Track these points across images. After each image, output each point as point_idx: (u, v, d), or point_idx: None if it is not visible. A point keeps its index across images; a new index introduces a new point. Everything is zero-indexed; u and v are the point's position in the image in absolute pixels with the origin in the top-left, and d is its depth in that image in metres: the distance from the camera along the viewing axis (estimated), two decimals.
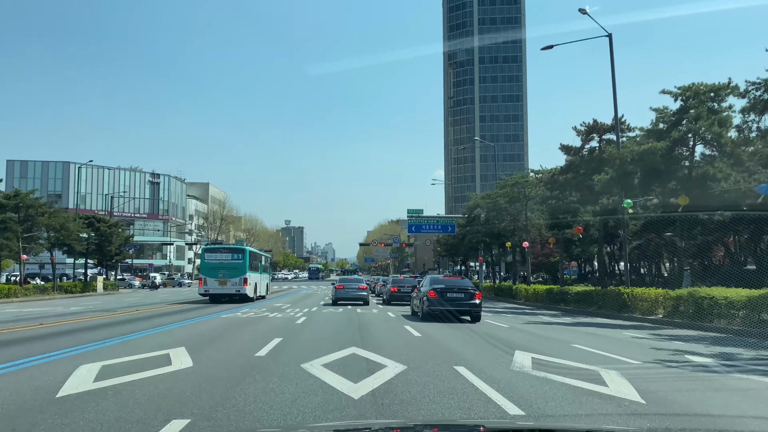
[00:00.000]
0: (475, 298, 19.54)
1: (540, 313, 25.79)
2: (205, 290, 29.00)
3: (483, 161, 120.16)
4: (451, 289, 19.58)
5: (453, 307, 19.19)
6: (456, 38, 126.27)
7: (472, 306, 19.02)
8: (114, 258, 59.04)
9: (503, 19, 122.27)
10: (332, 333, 14.37)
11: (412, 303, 23.42)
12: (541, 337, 14.43)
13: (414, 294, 23.35)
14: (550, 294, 31.46)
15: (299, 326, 16.31)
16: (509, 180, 38.81)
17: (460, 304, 19.11)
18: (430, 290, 19.63)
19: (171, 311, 23.36)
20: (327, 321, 18.57)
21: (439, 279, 21.81)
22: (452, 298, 19.32)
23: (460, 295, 19.46)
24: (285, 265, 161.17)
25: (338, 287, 28.08)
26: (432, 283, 20.28)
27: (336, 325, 16.74)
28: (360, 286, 27.97)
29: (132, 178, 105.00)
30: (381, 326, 16.88)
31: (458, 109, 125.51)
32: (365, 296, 28.00)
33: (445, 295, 19.40)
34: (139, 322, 17.32)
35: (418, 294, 21.30)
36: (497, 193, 39.29)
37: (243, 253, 29.94)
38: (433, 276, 22.59)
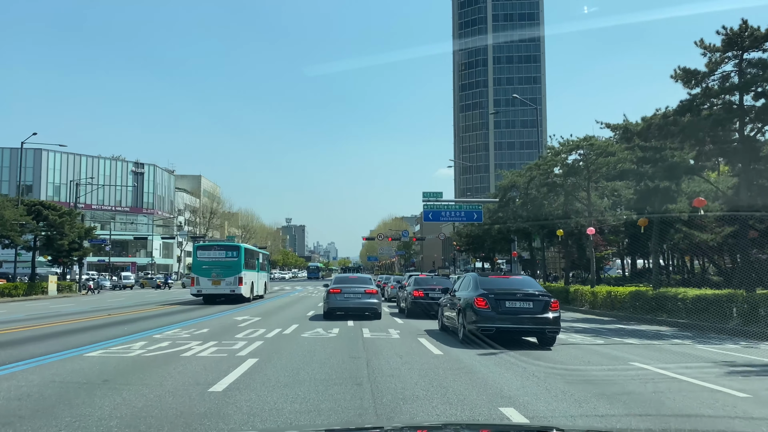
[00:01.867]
0: (551, 308, 11.50)
1: (640, 330, 16.01)
2: (198, 290, 27.27)
3: (497, 149, 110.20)
4: (511, 295, 11.69)
5: (515, 325, 11.46)
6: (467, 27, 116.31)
7: (544, 322, 11.34)
8: (71, 254, 49.42)
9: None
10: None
11: (441, 315, 14.58)
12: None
13: (445, 301, 14.11)
14: (639, 299, 21.76)
15: (221, 397, 6.49)
16: (566, 145, 28.93)
17: (527, 319, 11.40)
18: (478, 297, 11.60)
19: (62, 330, 13.65)
20: (302, 364, 8.80)
21: (490, 279, 12.50)
22: (514, 311, 11.51)
23: (525, 305, 11.53)
24: (285, 264, 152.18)
25: (333, 291, 18.00)
26: (479, 286, 11.85)
27: (319, 384, 7.08)
28: (367, 289, 18.02)
29: (113, 168, 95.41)
30: (426, 380, 7.20)
31: (469, 93, 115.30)
32: (374, 305, 18.00)
33: (503, 304, 11.49)
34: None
35: (452, 302, 13.06)
36: (546, 161, 29.40)
37: (238, 251, 27.95)
38: (476, 275, 12.92)
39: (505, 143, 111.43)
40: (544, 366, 8.92)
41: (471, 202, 43.11)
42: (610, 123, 25.15)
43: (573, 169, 28.31)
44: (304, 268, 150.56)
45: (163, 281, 60.66)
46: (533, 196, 36.27)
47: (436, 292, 18.99)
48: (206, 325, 15.49)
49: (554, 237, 36.08)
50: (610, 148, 27.81)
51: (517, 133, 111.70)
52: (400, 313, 21.20)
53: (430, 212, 41.72)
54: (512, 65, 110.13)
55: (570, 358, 10.13)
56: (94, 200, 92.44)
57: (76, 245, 49.46)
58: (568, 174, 28.41)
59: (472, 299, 11.48)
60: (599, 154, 28.08)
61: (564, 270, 36.53)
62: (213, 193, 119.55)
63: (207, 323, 16.27)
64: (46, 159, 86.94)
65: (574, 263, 49.06)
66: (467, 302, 11.71)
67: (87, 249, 52.41)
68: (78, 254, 50.24)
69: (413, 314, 19.09)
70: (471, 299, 11.55)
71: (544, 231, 35.15)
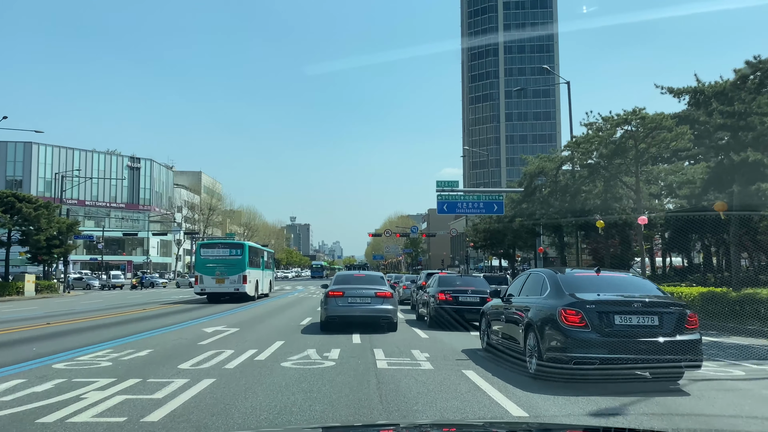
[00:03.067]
0: (688, 325, 6.97)
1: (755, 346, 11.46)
2: (202, 289, 26.60)
3: (509, 143, 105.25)
4: (625, 306, 7.04)
5: (636, 355, 6.73)
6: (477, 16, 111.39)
7: (682, 349, 6.72)
8: (51, 251, 45.24)
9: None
10: None
11: (486, 328, 10.12)
12: None
13: (494, 309, 9.73)
14: (714, 302, 17.18)
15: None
16: (610, 120, 24.30)
17: (651, 345, 6.76)
18: (566, 308, 6.99)
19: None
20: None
21: (576, 277, 8.14)
22: (630, 331, 6.85)
23: (647, 321, 6.92)
24: (289, 263, 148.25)
25: (333, 294, 13.31)
26: (563, 289, 7.36)
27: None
28: (379, 291, 13.25)
29: (108, 163, 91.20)
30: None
31: (479, 84, 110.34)
32: (389, 313, 13.29)
33: (611, 320, 6.86)
34: None
35: (510, 312, 8.80)
36: (588, 139, 24.75)
37: (242, 249, 27.33)
38: (554, 272, 8.26)
39: (517, 136, 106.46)
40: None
41: (492, 191, 38.53)
42: (673, 87, 20.67)
43: (620, 148, 23.69)
44: (308, 267, 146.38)
45: (141, 280, 55.68)
46: (563, 184, 31.74)
47: (468, 295, 14.50)
48: (153, 343, 11.05)
49: (590, 230, 31.49)
50: (664, 122, 23.23)
51: (530, 125, 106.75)
52: (419, 321, 16.69)
53: (445, 203, 37.19)
54: (524, 55, 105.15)
55: (733, 410, 5.69)
56: (88, 196, 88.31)
57: (56, 241, 45.32)
58: (614, 155, 23.79)
59: (556, 311, 7.00)
60: (651, 129, 23.50)
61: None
62: (213, 189, 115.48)
63: (157, 339, 11.82)
64: (36, 153, 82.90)
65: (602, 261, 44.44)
66: (546, 315, 7.24)
67: (70, 245, 48.18)
68: (59, 251, 46.05)
69: (438, 323, 14.56)
70: (553, 311, 7.07)
71: (578, 223, 30.55)
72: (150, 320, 16.81)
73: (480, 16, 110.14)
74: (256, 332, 13.25)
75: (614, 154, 23.63)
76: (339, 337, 12.04)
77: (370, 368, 8.17)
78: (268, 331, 13.44)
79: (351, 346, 10.81)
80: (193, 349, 10.16)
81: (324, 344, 10.93)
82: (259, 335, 12.56)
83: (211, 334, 12.84)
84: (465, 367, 8.38)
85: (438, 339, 12.26)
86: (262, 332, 13.25)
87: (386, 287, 13.70)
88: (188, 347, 10.52)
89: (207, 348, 10.34)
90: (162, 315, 19.02)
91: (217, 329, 13.91)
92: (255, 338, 11.98)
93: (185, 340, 11.58)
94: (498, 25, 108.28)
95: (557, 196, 31.61)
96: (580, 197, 28.92)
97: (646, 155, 24.49)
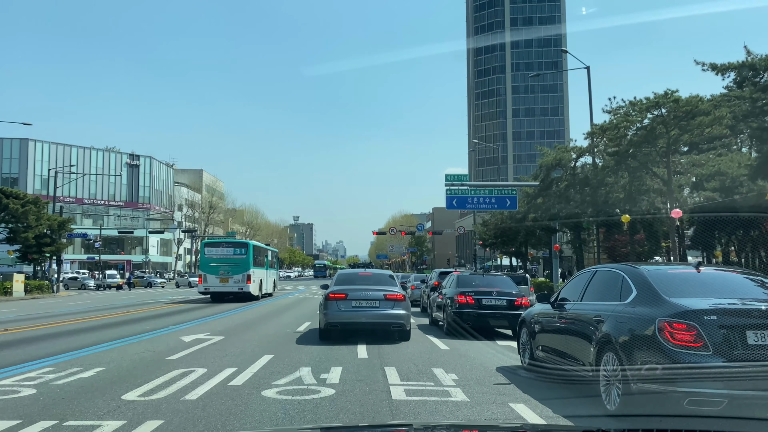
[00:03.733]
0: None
1: None
2: (206, 288, 26.33)
3: (516, 139, 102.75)
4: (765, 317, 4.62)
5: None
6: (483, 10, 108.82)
7: None
8: (42, 249, 43.36)
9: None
10: None
11: (529, 339, 7.80)
12: None
13: (535, 316, 7.62)
14: None
15: None
16: (639, 104, 22.03)
17: None
18: (673, 321, 4.63)
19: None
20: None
21: (672, 274, 5.62)
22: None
23: None
24: (292, 263, 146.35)
25: (333, 296, 11.04)
26: (662, 290, 4.95)
27: None
28: (389, 293, 11.02)
29: (106, 160, 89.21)
30: None
31: (486, 80, 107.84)
32: (401, 319, 11.06)
33: (742, 338, 4.47)
34: None
35: (565, 325, 6.61)
36: (616, 124, 22.45)
37: (246, 248, 27.15)
38: (644, 268, 5.95)
39: (524, 132, 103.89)
40: None
41: (504, 185, 36.28)
42: (716, 63, 18.49)
43: (650, 134, 21.43)
44: (311, 266, 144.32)
45: (128, 281, 53.17)
46: (583, 177, 29.52)
47: (493, 297, 12.30)
48: (108, 359, 8.89)
49: (612, 225, 29.24)
50: (700, 106, 20.99)
51: (537, 121, 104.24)
52: (433, 328, 14.51)
53: (455, 198, 34.99)
54: (531, 50, 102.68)
55: None
56: (86, 194, 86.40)
57: (47, 239, 43.37)
58: (645, 141, 21.52)
59: (654, 324, 4.80)
60: (685, 114, 21.27)
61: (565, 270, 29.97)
62: (215, 187, 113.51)
63: (117, 353, 9.66)
64: (32, 150, 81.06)
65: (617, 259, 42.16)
66: (636, 330, 5.03)
67: (61, 244, 46.16)
68: (50, 249, 44.12)
69: (457, 330, 12.36)
70: (649, 324, 4.87)
71: (599, 218, 28.31)
72: (125, 326, 14.67)
73: (486, 10, 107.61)
74: (242, 342, 11.08)
75: (645, 140, 21.36)
76: (341, 350, 9.87)
77: (383, 400, 5.99)
78: (257, 341, 11.27)
79: (356, 362, 8.63)
80: (156, 368, 8.00)
81: (322, 360, 8.77)
82: (244, 346, 10.40)
83: (188, 344, 10.69)
84: (511, 397, 6.19)
85: (461, 352, 10.07)
86: (250, 342, 11.08)
87: (397, 288, 11.48)
88: (151, 364, 8.36)
89: (174, 365, 8.18)
90: (142, 319, 16.89)
91: (198, 337, 11.76)
92: (238, 350, 9.82)
93: (151, 354, 9.41)
94: (504, 20, 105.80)
95: (576, 189, 29.40)
96: (602, 190, 26.70)
97: (678, 142, 22.27)
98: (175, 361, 8.66)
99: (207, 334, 12.50)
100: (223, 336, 12.10)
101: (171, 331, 13.21)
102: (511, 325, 12.41)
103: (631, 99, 22.51)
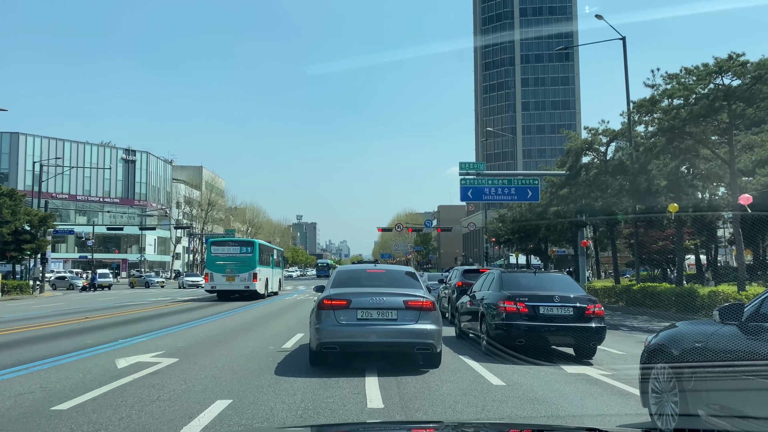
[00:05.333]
0: None
1: None
2: (212, 286, 26.48)
3: (526, 134, 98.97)
4: None
5: None
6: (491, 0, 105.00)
7: None
8: (21, 246, 40.11)
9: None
10: None
11: (673, 385, 4.02)
12: None
13: (699, 339, 3.90)
14: None
15: None
16: (695, 72, 18.49)
17: None
18: None
19: None
20: None
21: None
22: None
23: None
24: (294, 262, 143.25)
25: (331, 303, 7.36)
26: None
27: None
28: (411, 300, 7.31)
29: (101, 155, 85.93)
30: None
31: (494, 72, 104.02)
32: (428, 336, 7.32)
33: None
34: None
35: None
36: (670, 92, 18.86)
37: (252, 246, 27.41)
38: None
39: (534, 127, 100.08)
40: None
41: (526, 174, 32.69)
42: None
43: (712, 106, 17.87)
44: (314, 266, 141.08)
45: (92, 281, 48.79)
46: (618, 162, 25.99)
47: (554, 305, 8.81)
48: None
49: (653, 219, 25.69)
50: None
51: (548, 115, 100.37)
52: (462, 340, 11.06)
53: (470, 189, 31.54)
54: (542, 41, 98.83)
55: None
56: (80, 190, 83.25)
57: (27, 236, 40.14)
58: (705, 114, 17.95)
59: None
60: (753, 81, 17.76)
61: (638, 265, 26.05)
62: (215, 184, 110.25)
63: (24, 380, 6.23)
64: (24, 144, 77.94)
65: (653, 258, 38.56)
66: None
67: (43, 241, 42.87)
68: (30, 247, 40.85)
69: (500, 349, 8.92)
70: None
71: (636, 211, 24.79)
72: (58, 340, 11.25)
73: (494, 0, 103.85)
74: (197, 370, 7.65)
75: (706, 113, 17.79)
76: (340, 388, 6.42)
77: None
78: (221, 367, 7.83)
79: (364, 415, 5.21)
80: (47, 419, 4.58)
81: (308, 410, 5.34)
82: (195, 379, 6.96)
83: (116, 374, 7.28)
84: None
85: (525, 389, 6.61)
86: (209, 370, 7.64)
87: (422, 292, 7.85)
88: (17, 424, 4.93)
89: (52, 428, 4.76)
90: (91, 329, 13.47)
91: (141, 360, 8.34)
92: (182, 389, 6.38)
93: (38, 398, 5.96)
94: (513, 10, 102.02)
95: (609, 177, 25.87)
96: (642, 178, 23.11)
97: (743, 117, 18.73)
98: (64, 413, 5.24)
99: (158, 354, 9.08)
100: (177, 358, 8.66)
101: (112, 349, 9.81)
102: (578, 343, 8.96)
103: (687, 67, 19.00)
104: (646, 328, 14.99)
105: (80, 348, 9.92)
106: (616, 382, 7.30)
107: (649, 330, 14.59)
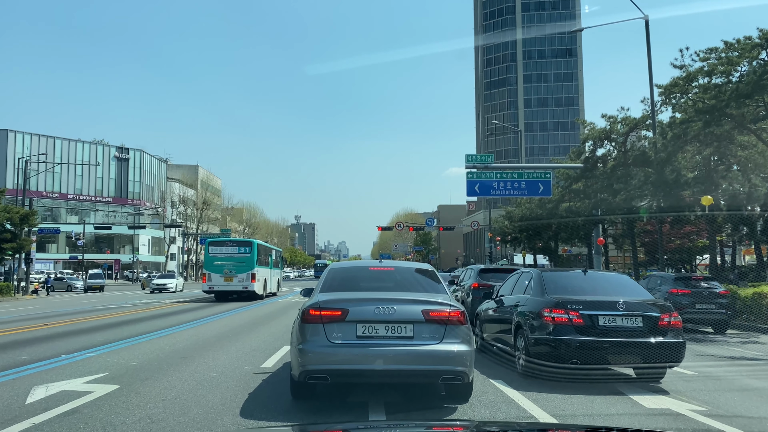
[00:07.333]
0: None
1: None
2: (210, 287, 26.01)
3: (528, 131, 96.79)
4: None
5: None
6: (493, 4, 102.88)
7: None
8: (1, 245, 38.10)
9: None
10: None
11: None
12: None
13: None
14: None
15: None
16: (740, 45, 16.39)
17: None
18: None
19: None
20: None
21: None
22: None
23: None
24: (293, 263, 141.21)
25: (317, 314, 5.12)
26: None
27: None
28: (434, 311, 5.11)
29: (93, 153, 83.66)
30: None
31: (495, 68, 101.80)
32: (458, 360, 5.10)
33: None
34: None
35: None
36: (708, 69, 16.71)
37: (251, 247, 27.01)
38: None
39: (537, 124, 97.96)
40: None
41: (537, 167, 30.62)
42: None
43: (758, 83, 15.70)
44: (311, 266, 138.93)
45: (45, 283, 45.66)
46: (640, 151, 23.90)
47: (617, 315, 6.65)
48: None
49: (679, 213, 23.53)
50: None
51: (551, 112, 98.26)
52: (486, 355, 8.89)
53: (477, 183, 29.44)
54: (544, 37, 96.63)
55: None
56: (71, 189, 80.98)
57: (7, 235, 38.11)
58: (752, 91, 15.78)
59: None
60: None
61: (656, 264, 23.84)
62: (211, 184, 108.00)
63: None
64: (12, 141, 75.67)
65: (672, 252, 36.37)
66: None
67: (25, 240, 40.70)
68: (11, 246, 38.76)
69: (542, 367, 6.79)
70: None
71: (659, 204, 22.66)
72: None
73: None
74: (128, 409, 5.47)
75: (753, 90, 15.64)
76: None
77: None
78: (163, 406, 5.62)
79: None
80: None
81: None
82: (118, 429, 4.81)
83: (14, 414, 5.13)
84: None
85: None
86: (145, 410, 5.46)
87: (446, 298, 5.60)
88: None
89: None
90: (36, 341, 11.31)
91: (67, 389, 6.19)
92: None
93: None
94: (515, 5, 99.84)
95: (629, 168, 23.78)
96: (668, 168, 20.97)
97: None
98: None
99: (96, 378, 6.92)
100: (117, 385, 6.49)
101: (42, 369, 7.64)
102: (645, 361, 6.78)
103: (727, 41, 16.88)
104: (699, 338, 12.76)
105: (4, 368, 7.77)
106: (719, 423, 5.17)
107: (696, 339, 12.43)
